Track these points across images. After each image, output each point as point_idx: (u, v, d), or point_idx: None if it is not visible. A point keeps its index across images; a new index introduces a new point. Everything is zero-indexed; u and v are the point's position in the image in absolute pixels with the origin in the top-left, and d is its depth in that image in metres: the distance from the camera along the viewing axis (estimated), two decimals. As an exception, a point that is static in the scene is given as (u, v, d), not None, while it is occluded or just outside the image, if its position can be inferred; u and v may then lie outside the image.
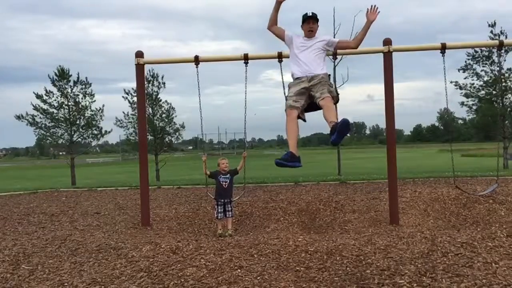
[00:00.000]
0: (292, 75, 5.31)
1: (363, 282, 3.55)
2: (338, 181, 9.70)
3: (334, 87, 5.34)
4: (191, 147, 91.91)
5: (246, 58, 6.38)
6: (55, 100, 24.38)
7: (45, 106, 24.21)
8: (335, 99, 5.10)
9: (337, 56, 7.36)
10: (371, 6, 5.20)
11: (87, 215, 7.51)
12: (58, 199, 9.09)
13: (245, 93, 6.48)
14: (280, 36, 5.39)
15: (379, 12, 5.20)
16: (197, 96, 6.66)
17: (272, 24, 5.32)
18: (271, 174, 14.28)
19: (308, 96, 5.15)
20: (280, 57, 6.24)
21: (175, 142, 29.97)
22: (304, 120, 5.32)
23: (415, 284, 3.40)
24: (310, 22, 5.18)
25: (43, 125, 24.46)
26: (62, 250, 5.02)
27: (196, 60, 6.48)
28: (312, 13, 5.19)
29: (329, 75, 5.28)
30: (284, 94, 5.49)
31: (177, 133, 28.00)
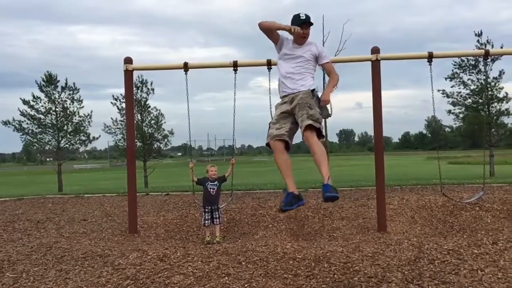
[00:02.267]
0: (279, 92, 4.62)
1: (351, 289, 3.55)
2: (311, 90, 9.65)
3: (319, 102, 4.45)
4: (180, 154, 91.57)
5: (235, 65, 6.39)
6: (43, 105, 24.21)
7: (32, 112, 24.01)
8: (320, 120, 4.29)
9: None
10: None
11: (73, 222, 7.43)
12: (44, 206, 8.98)
13: (234, 100, 6.49)
14: (274, 39, 4.61)
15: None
16: (186, 103, 6.65)
17: (270, 28, 4.48)
18: (259, 180, 14.28)
19: (294, 120, 4.41)
20: (269, 64, 6.27)
21: (164, 148, 29.84)
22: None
23: (402, 291, 3.41)
24: (303, 27, 4.36)
25: (30, 131, 24.25)
26: (48, 257, 4.95)
27: (185, 67, 6.48)
28: (306, 16, 4.43)
29: (313, 90, 4.46)
30: (270, 103, 5.44)
31: (165, 140, 27.92)
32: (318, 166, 4.06)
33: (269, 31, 4.53)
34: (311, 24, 4.47)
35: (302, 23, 4.36)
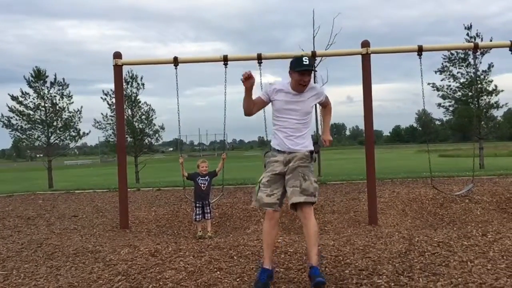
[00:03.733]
0: (272, 144, 3.94)
1: (342, 282, 3.57)
2: (318, 182, 9.76)
3: (315, 152, 3.92)
4: (171, 149, 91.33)
5: (225, 60, 6.37)
6: (31, 101, 23.95)
7: (21, 108, 23.76)
8: (315, 192, 3.71)
9: (317, 58, 7.39)
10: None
11: (64, 219, 7.39)
12: (34, 202, 8.92)
13: (225, 95, 6.48)
14: (264, 103, 3.97)
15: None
16: (177, 98, 6.63)
17: (249, 108, 3.85)
18: (251, 175, 14.28)
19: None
20: (259, 58, 6.26)
21: (155, 143, 29.71)
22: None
23: (392, 284, 3.43)
24: (305, 74, 3.71)
25: (19, 127, 24.00)
26: (38, 254, 4.93)
27: (175, 61, 6.44)
28: (309, 60, 3.76)
29: (312, 153, 3.88)
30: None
31: (156, 135, 27.78)
32: (308, 245, 3.61)
33: (255, 107, 3.90)
34: (314, 70, 3.94)
35: (304, 70, 3.69)
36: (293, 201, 3.60)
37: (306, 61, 3.72)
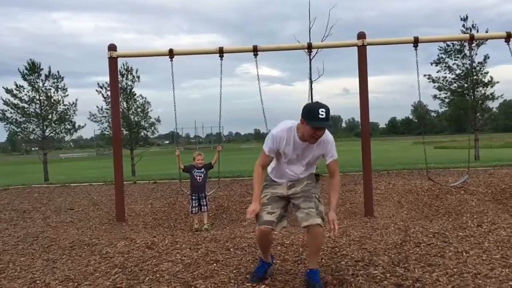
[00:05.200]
0: (269, 173, 3.71)
1: (338, 273, 3.58)
2: (314, 174, 9.76)
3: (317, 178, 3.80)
4: (167, 142, 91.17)
5: (221, 52, 6.34)
6: (26, 94, 23.84)
7: (15, 101, 23.64)
8: (324, 218, 3.50)
9: (313, 50, 7.37)
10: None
11: (60, 212, 7.37)
12: (30, 196, 8.90)
13: (220, 87, 6.47)
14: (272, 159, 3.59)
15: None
16: (172, 90, 6.60)
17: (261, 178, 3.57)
18: (247, 167, 14.29)
19: (287, 204, 3.64)
20: (255, 50, 6.24)
21: (151, 136, 29.67)
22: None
23: (388, 274, 3.45)
24: (321, 129, 3.30)
25: (14, 120, 23.89)
26: (34, 247, 4.92)
27: (171, 54, 6.41)
28: (326, 112, 3.25)
29: (317, 175, 3.83)
30: (259, 89, 5.40)
31: (152, 128, 27.75)
32: (310, 251, 3.50)
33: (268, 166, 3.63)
34: (330, 126, 3.39)
35: (319, 127, 3.25)
36: (310, 223, 3.34)
37: (322, 115, 3.23)
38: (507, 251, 3.84)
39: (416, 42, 6.23)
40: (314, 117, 3.23)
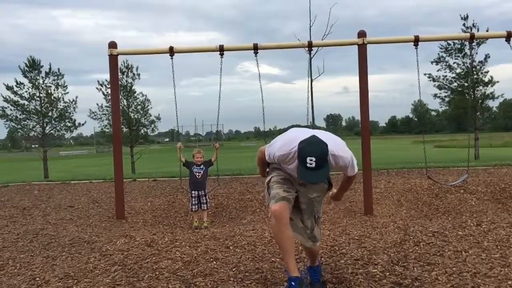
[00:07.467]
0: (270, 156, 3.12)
1: (337, 271, 3.59)
2: (328, 181, 9.75)
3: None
4: (167, 139, 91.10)
5: (221, 50, 6.34)
6: (26, 91, 23.81)
7: (15, 98, 23.61)
8: (319, 240, 3.35)
9: (313, 48, 7.36)
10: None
11: (60, 209, 7.38)
12: (30, 193, 8.90)
13: (220, 85, 6.46)
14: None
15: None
16: (173, 88, 6.61)
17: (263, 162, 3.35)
18: (247, 165, 14.29)
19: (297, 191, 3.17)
20: (256, 48, 6.23)
21: (151, 134, 29.65)
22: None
23: (387, 273, 3.45)
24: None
25: (14, 117, 23.85)
26: (34, 244, 4.92)
27: (171, 51, 6.41)
28: (318, 164, 2.72)
29: (330, 186, 3.42)
30: (260, 87, 5.36)
31: (152, 125, 27.70)
32: (309, 255, 3.42)
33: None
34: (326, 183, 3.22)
35: (303, 183, 3.06)
36: (301, 243, 3.30)
37: (311, 164, 2.69)
38: (506, 251, 3.85)
39: (416, 41, 6.23)
40: (302, 164, 2.73)
